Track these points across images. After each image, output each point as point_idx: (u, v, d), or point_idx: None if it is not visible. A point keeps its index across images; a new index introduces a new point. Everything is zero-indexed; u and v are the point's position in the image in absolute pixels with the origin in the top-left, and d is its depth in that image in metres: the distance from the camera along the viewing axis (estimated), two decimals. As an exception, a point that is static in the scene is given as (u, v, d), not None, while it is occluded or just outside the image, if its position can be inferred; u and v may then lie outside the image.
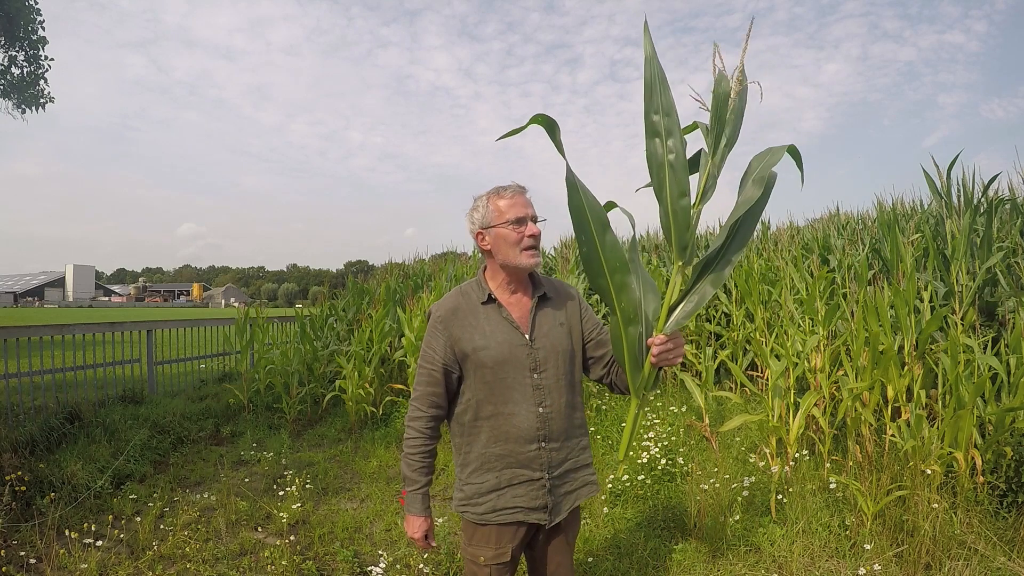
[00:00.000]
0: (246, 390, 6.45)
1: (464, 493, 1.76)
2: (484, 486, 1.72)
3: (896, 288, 3.65)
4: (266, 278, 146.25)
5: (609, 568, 2.99)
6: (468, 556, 1.76)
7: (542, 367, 1.72)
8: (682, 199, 1.50)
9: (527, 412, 1.70)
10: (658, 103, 1.48)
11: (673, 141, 1.48)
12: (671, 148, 1.48)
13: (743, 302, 5.90)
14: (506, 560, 1.72)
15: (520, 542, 1.76)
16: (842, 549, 2.92)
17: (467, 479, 1.76)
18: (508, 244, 1.71)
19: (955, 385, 3.21)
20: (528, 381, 1.71)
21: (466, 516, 1.76)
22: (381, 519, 3.76)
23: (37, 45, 13.57)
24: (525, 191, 1.76)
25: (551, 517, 1.74)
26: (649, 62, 1.48)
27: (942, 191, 5.25)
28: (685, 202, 1.50)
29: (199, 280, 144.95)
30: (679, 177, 1.49)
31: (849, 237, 6.45)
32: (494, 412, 1.71)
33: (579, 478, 1.81)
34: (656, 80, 1.48)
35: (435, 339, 1.74)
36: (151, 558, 3.08)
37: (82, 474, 4.11)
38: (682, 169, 1.48)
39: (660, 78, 1.48)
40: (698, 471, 3.74)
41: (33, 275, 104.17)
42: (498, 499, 1.71)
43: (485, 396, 1.72)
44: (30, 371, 5.62)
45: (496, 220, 1.71)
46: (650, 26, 1.46)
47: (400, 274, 9.76)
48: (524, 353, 1.71)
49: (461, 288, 1.83)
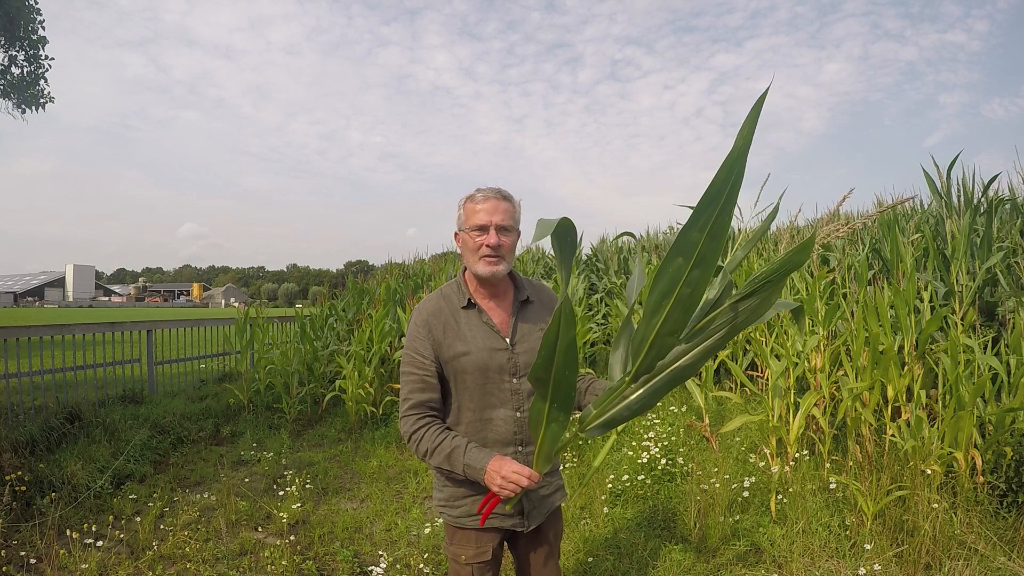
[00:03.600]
0: (246, 390, 6.45)
1: (443, 495, 1.76)
2: (460, 490, 1.72)
3: (896, 288, 3.64)
4: (266, 278, 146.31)
5: (609, 568, 2.99)
6: (450, 555, 1.77)
7: (521, 372, 1.72)
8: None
9: (505, 416, 1.70)
10: (708, 218, 1.04)
11: (699, 272, 1.09)
12: (690, 282, 1.09)
13: (743, 302, 5.89)
14: (487, 559, 1.73)
15: (501, 542, 1.78)
16: (842, 549, 2.92)
17: (444, 482, 1.76)
18: (468, 250, 1.72)
19: (955, 385, 3.21)
20: (507, 386, 1.71)
21: (444, 518, 1.77)
22: (381, 519, 3.76)
23: (37, 45, 13.57)
24: (502, 198, 1.71)
25: (528, 522, 1.75)
26: (735, 160, 1.01)
27: (942, 191, 5.25)
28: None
29: (199, 280, 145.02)
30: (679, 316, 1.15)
31: (849, 237, 6.45)
32: (473, 417, 1.71)
33: (553, 482, 1.84)
34: (730, 185, 1.02)
35: (420, 344, 1.71)
36: (151, 558, 3.08)
37: (82, 474, 4.11)
38: (690, 309, 1.14)
39: (735, 183, 1.02)
40: (698, 471, 3.74)
41: (33, 275, 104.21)
42: (473, 504, 1.71)
43: (465, 401, 1.71)
44: (30, 371, 5.62)
45: (463, 224, 1.73)
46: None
47: (400, 274, 9.76)
48: (504, 358, 1.71)
49: (442, 291, 1.80)
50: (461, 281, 1.79)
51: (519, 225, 1.78)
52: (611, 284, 7.81)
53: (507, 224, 1.70)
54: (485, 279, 1.72)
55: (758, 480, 3.53)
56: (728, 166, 1.01)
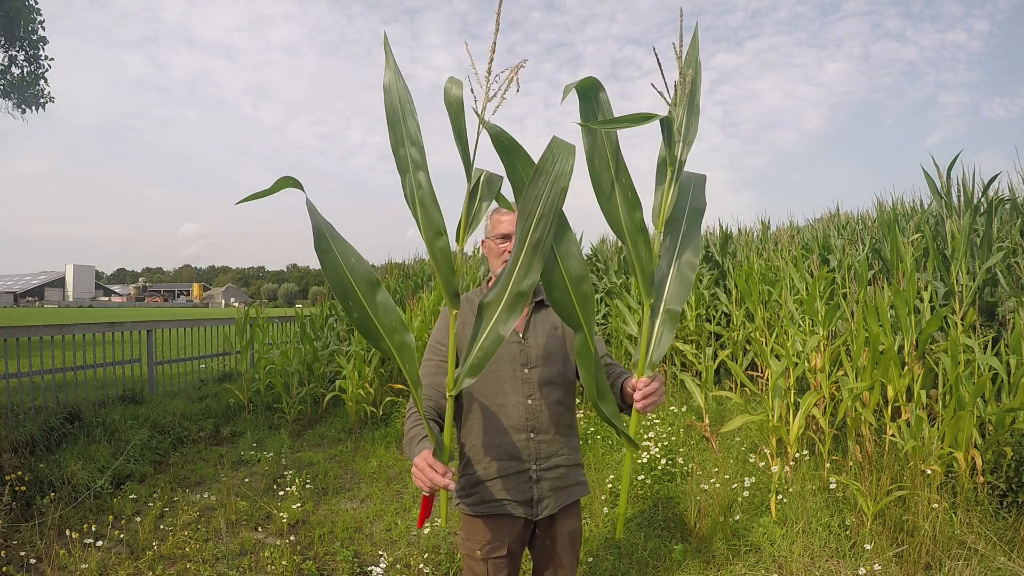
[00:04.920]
0: (246, 390, 6.45)
1: (459, 485, 1.82)
2: (474, 477, 1.78)
3: (896, 288, 3.64)
4: (266, 278, 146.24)
5: (609, 568, 2.99)
6: (465, 551, 1.77)
7: (533, 363, 1.80)
8: (439, 239, 1.35)
9: (517, 402, 1.76)
10: (402, 134, 1.35)
11: (423, 175, 1.35)
12: (420, 183, 1.35)
13: (743, 302, 5.90)
14: (502, 554, 1.72)
15: (517, 538, 1.76)
16: (842, 549, 2.92)
17: (462, 470, 1.82)
18: (492, 255, 1.90)
19: (955, 385, 3.21)
20: (519, 375, 1.79)
21: (460, 508, 1.81)
22: (381, 519, 3.76)
23: (37, 45, 13.59)
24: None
25: (536, 510, 1.75)
26: (389, 89, 1.34)
27: (942, 191, 5.25)
28: (443, 242, 1.35)
29: (199, 280, 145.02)
30: (431, 215, 1.34)
31: (849, 237, 6.45)
32: (486, 403, 1.78)
33: (569, 476, 1.82)
34: (400, 107, 1.34)
35: (442, 335, 1.84)
36: (151, 558, 3.08)
37: (82, 474, 4.11)
38: (432, 205, 1.35)
39: (405, 103, 1.35)
40: (698, 471, 3.75)
41: (33, 275, 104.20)
42: (486, 491, 1.75)
43: (478, 388, 1.79)
44: (30, 371, 5.62)
45: (489, 233, 1.91)
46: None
47: (400, 274, 9.77)
48: (516, 349, 1.80)
49: (467, 295, 1.91)
50: (484, 286, 1.97)
51: None
52: (611, 284, 7.81)
53: None
54: None
55: (758, 480, 3.53)
56: (386, 95, 1.34)
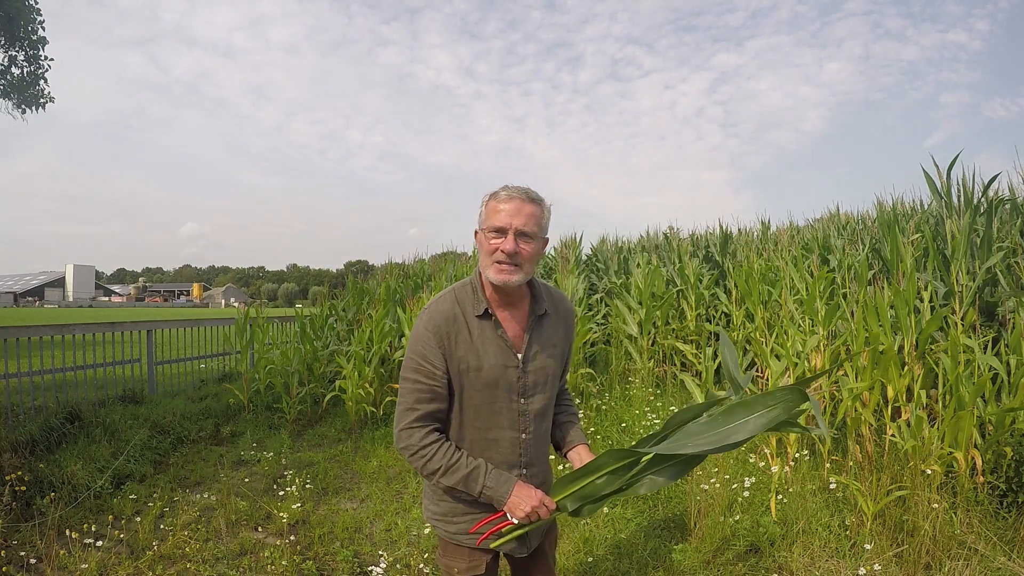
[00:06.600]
0: (246, 390, 6.45)
1: (439, 508, 1.65)
2: (460, 506, 1.61)
3: (896, 288, 3.64)
4: (266, 278, 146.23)
5: (609, 568, 2.99)
6: (443, 565, 1.70)
7: (530, 392, 1.62)
8: None
9: (511, 438, 1.60)
10: None
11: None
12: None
13: (743, 302, 5.90)
14: (481, 572, 1.65)
15: (495, 555, 1.70)
16: (842, 549, 2.92)
17: (442, 495, 1.63)
18: (483, 252, 1.56)
19: (955, 385, 3.21)
20: (515, 407, 1.60)
21: (438, 531, 1.67)
22: (381, 519, 3.76)
23: (37, 45, 13.59)
24: (529, 200, 1.54)
25: (523, 549, 1.66)
26: None
27: (942, 191, 5.25)
28: None
29: (199, 280, 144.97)
30: None
31: (849, 237, 6.45)
32: (477, 436, 1.60)
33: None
34: None
35: (430, 351, 1.54)
36: (151, 558, 3.08)
37: (82, 474, 4.11)
38: None
39: None
40: (698, 471, 3.74)
41: (33, 275, 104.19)
42: (471, 522, 1.61)
43: (469, 418, 1.59)
44: (30, 371, 5.62)
45: (482, 222, 1.57)
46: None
47: (400, 274, 9.76)
48: (515, 377, 1.59)
49: (456, 294, 1.61)
50: (477, 284, 1.61)
51: (546, 232, 1.61)
52: (611, 284, 7.81)
53: (530, 230, 1.53)
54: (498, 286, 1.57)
55: (758, 480, 3.53)
56: None
